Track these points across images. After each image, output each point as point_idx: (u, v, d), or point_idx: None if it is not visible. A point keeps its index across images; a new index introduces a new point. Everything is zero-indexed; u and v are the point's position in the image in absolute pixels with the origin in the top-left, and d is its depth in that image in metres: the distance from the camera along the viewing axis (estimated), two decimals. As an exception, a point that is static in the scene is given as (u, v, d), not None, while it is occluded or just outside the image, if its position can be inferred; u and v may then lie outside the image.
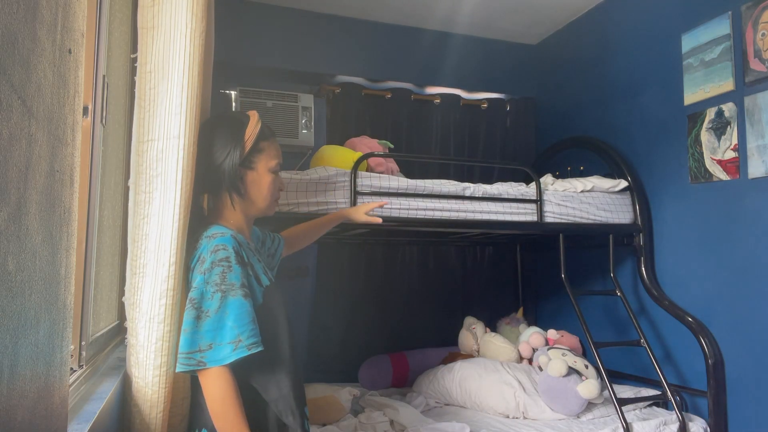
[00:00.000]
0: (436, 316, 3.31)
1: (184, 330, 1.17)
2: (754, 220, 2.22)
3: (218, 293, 1.18)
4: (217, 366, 1.15)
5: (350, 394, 2.41)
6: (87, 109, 1.21)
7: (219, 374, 1.15)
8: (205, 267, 1.21)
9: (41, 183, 0.64)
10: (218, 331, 1.16)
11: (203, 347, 1.15)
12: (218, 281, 1.18)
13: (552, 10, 3.24)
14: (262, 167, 1.37)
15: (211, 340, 1.15)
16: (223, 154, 1.34)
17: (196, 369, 1.15)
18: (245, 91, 2.83)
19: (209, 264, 1.21)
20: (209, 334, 1.15)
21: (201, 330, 1.16)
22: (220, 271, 1.20)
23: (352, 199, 2.11)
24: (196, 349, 1.15)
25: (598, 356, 2.34)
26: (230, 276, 1.20)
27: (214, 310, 1.17)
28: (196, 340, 1.15)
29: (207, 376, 1.16)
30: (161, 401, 1.25)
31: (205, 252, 1.23)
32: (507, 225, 2.41)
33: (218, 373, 1.15)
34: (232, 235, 1.27)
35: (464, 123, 3.46)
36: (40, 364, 0.64)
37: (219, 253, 1.22)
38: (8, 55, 0.53)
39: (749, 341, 2.21)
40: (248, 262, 1.28)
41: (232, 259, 1.22)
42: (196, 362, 1.15)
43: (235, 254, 1.23)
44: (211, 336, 1.15)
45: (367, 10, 3.26)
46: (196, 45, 1.29)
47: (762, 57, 2.19)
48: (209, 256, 1.22)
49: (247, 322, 1.17)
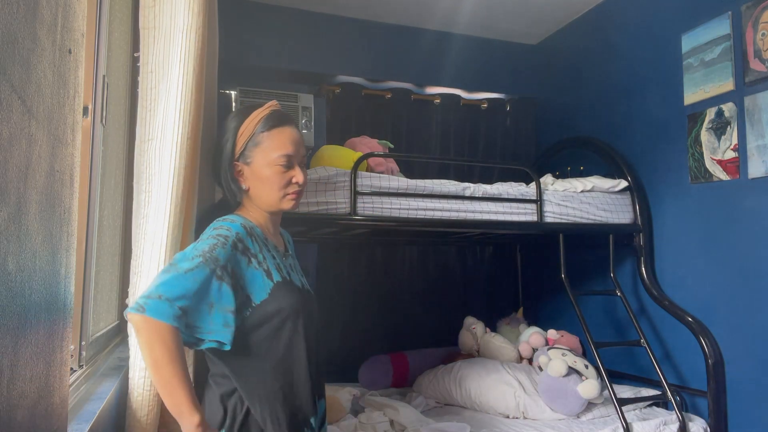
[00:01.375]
0: (436, 316, 3.31)
1: (152, 280, 1.11)
2: (754, 220, 2.22)
3: (199, 258, 1.11)
4: (156, 320, 1.02)
5: (350, 394, 2.41)
6: (87, 109, 1.21)
7: (156, 332, 1.02)
8: (201, 238, 1.19)
9: (41, 183, 0.64)
10: (176, 288, 1.06)
11: (153, 295, 1.04)
12: (206, 249, 1.13)
13: (552, 10, 3.24)
14: (259, 161, 1.30)
15: (163, 291, 1.05)
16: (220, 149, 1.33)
17: (134, 312, 1.03)
18: (245, 91, 2.83)
19: (205, 236, 1.18)
20: (164, 286, 1.06)
21: (161, 280, 1.07)
22: (212, 243, 1.15)
23: (352, 199, 2.11)
24: (147, 294, 1.05)
25: (598, 356, 2.34)
26: (219, 251, 1.14)
27: (185, 269, 1.09)
28: (153, 286, 1.06)
29: (142, 327, 1.03)
30: (146, 403, 1.25)
31: (207, 232, 1.21)
32: (507, 225, 2.41)
33: (156, 331, 1.02)
34: (242, 223, 1.24)
35: (464, 123, 3.46)
36: (40, 364, 0.64)
37: (220, 230, 1.19)
38: (8, 55, 0.53)
39: (749, 341, 2.21)
40: (255, 254, 1.23)
41: (230, 239, 1.18)
42: (137, 306, 1.04)
43: (235, 238, 1.19)
44: (165, 288, 1.05)
45: (367, 10, 3.26)
46: (193, 41, 1.29)
47: (762, 57, 2.19)
48: (209, 232, 1.20)
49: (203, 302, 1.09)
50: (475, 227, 2.37)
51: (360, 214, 2.12)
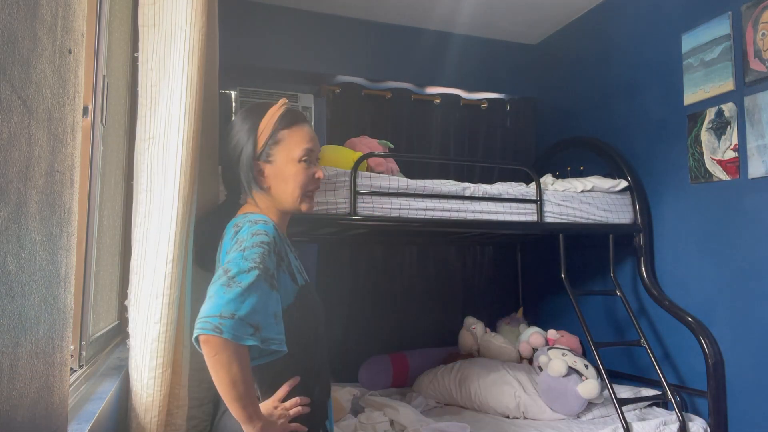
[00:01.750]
0: (436, 316, 3.31)
1: (209, 297, 1.08)
2: (754, 220, 2.22)
3: (256, 270, 1.09)
4: (234, 342, 1.03)
5: (350, 394, 2.41)
6: (87, 109, 1.21)
7: (235, 354, 1.04)
8: (245, 245, 1.14)
9: (41, 183, 0.64)
10: (245, 305, 1.06)
11: (225, 314, 1.04)
12: (258, 260, 1.11)
13: (552, 10, 3.24)
14: (283, 159, 1.29)
15: (234, 310, 1.05)
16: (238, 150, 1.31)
17: (211, 334, 1.03)
18: (245, 91, 2.83)
19: (249, 244, 1.14)
20: (234, 304, 1.05)
21: (228, 297, 1.06)
22: (261, 252, 1.13)
23: (352, 199, 2.11)
24: (217, 313, 1.04)
25: (598, 356, 2.34)
26: (268, 260, 1.13)
27: (247, 284, 1.07)
28: (220, 305, 1.05)
29: (222, 350, 1.04)
30: (156, 405, 1.24)
31: (245, 234, 1.18)
32: (507, 225, 2.41)
33: (234, 352, 1.04)
34: (274, 225, 1.23)
35: (464, 123, 3.46)
36: (40, 364, 0.64)
37: (260, 236, 1.16)
38: (8, 55, 0.53)
39: (749, 341, 2.21)
40: (283, 257, 1.22)
41: (271, 246, 1.16)
42: (212, 326, 1.03)
43: (274, 244, 1.18)
44: (235, 306, 1.05)
45: (367, 10, 3.26)
46: (196, 40, 1.29)
47: (762, 57, 2.19)
48: (249, 238, 1.16)
49: (269, 314, 1.10)
50: (475, 227, 2.37)
51: (360, 214, 2.12)
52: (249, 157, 1.29)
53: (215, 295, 1.07)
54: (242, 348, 1.06)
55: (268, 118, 1.30)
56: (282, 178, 1.29)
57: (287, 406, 1.18)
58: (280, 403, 1.18)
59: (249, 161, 1.30)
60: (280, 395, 1.19)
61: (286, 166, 1.29)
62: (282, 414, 1.17)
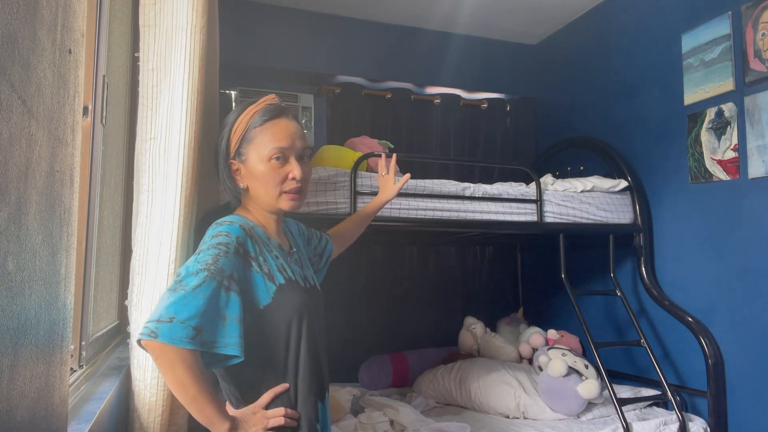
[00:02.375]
0: (436, 316, 3.31)
1: (158, 301, 1.07)
2: (754, 220, 2.22)
3: (204, 272, 1.07)
4: (171, 345, 1.00)
5: (350, 394, 2.41)
6: (87, 109, 1.21)
7: (176, 356, 1.01)
8: (201, 248, 1.13)
9: (41, 183, 0.64)
10: (186, 307, 1.02)
11: (163, 318, 1.01)
12: (209, 261, 1.09)
13: (552, 10, 3.24)
14: (253, 158, 1.25)
15: (174, 313, 1.01)
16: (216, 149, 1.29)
17: (148, 339, 1.00)
18: (245, 91, 2.83)
19: (206, 246, 1.13)
20: (174, 307, 1.02)
21: (170, 300, 1.03)
22: (215, 253, 1.10)
23: (352, 199, 2.11)
24: (156, 318, 1.01)
25: (598, 356, 2.34)
26: (223, 261, 1.10)
27: (192, 287, 1.04)
28: (161, 308, 1.03)
29: (161, 354, 1.02)
30: (159, 405, 1.24)
31: (207, 236, 1.16)
32: (507, 225, 2.41)
33: (176, 355, 1.01)
34: (242, 225, 1.19)
35: (464, 123, 3.46)
36: (40, 364, 0.64)
37: (219, 237, 1.14)
38: (8, 55, 0.53)
39: (749, 341, 2.21)
40: (256, 257, 1.19)
41: (231, 246, 1.13)
42: (149, 331, 1.00)
43: (236, 244, 1.14)
44: (175, 309, 1.02)
45: (367, 10, 3.26)
46: (197, 40, 1.29)
47: (762, 57, 2.19)
48: (209, 240, 1.14)
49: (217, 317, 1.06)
50: (475, 227, 2.37)
51: (360, 214, 2.12)
52: (223, 155, 1.27)
53: (161, 300, 1.06)
54: (184, 351, 1.02)
55: (244, 116, 1.26)
56: (254, 177, 1.25)
57: (269, 415, 1.14)
58: (260, 410, 1.14)
59: (224, 160, 1.27)
60: (263, 402, 1.15)
61: (256, 165, 1.24)
62: (260, 421, 1.12)
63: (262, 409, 1.14)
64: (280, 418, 1.14)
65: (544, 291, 3.46)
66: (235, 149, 1.27)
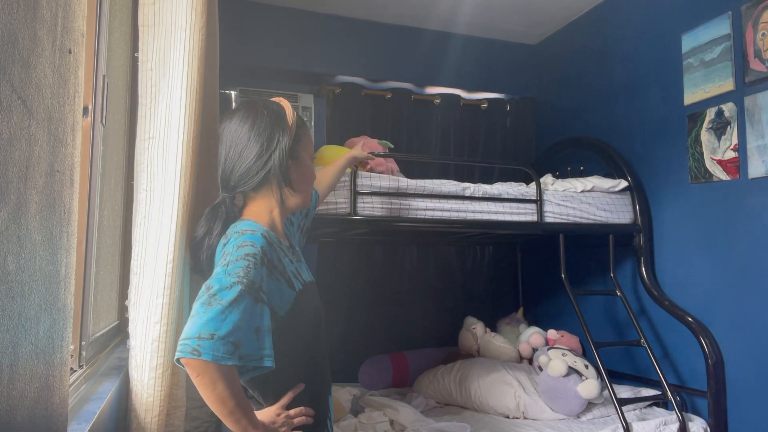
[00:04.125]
0: (436, 316, 3.31)
1: (191, 316, 1.05)
2: (754, 220, 2.22)
3: (238, 285, 1.06)
4: (214, 362, 1.01)
5: (350, 394, 2.41)
6: (87, 109, 1.21)
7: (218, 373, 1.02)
8: (229, 259, 1.11)
9: (41, 183, 0.64)
10: (224, 323, 1.03)
11: (204, 335, 1.01)
12: (241, 274, 1.07)
13: (552, 10, 3.24)
14: (303, 155, 1.29)
15: (213, 329, 1.01)
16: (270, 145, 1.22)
17: (190, 357, 1.01)
18: (245, 91, 2.83)
19: (234, 257, 1.11)
20: (213, 323, 1.02)
21: (208, 316, 1.03)
22: (245, 265, 1.09)
23: (352, 199, 2.11)
24: (196, 335, 1.01)
25: (598, 356, 2.34)
26: (253, 273, 1.09)
27: (228, 301, 1.04)
28: (199, 325, 1.02)
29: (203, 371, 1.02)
30: (157, 405, 1.24)
31: (232, 247, 1.14)
32: (507, 225, 2.41)
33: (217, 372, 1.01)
34: (263, 233, 1.18)
35: (464, 123, 3.46)
36: (40, 364, 0.64)
37: (246, 248, 1.12)
38: (8, 55, 0.53)
39: (749, 341, 2.21)
40: (276, 265, 1.18)
41: (258, 257, 1.12)
42: (190, 349, 1.00)
43: (262, 254, 1.13)
44: (214, 325, 1.02)
45: (367, 10, 3.26)
46: (196, 40, 1.29)
47: (762, 57, 2.19)
48: (235, 251, 1.12)
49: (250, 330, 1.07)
50: (475, 227, 2.37)
51: (360, 214, 2.12)
52: (285, 153, 1.23)
53: (196, 315, 1.04)
54: (224, 367, 1.03)
55: (291, 114, 1.26)
56: (303, 174, 1.29)
57: (291, 414, 1.17)
58: (283, 411, 1.17)
59: (284, 158, 1.23)
60: (284, 402, 1.18)
61: (306, 161, 1.30)
62: (285, 422, 1.16)
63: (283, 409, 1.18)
64: (302, 417, 1.19)
65: (544, 291, 3.46)
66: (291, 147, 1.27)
